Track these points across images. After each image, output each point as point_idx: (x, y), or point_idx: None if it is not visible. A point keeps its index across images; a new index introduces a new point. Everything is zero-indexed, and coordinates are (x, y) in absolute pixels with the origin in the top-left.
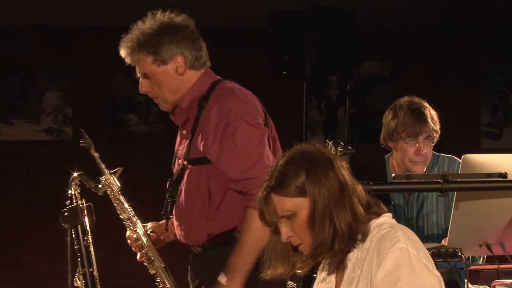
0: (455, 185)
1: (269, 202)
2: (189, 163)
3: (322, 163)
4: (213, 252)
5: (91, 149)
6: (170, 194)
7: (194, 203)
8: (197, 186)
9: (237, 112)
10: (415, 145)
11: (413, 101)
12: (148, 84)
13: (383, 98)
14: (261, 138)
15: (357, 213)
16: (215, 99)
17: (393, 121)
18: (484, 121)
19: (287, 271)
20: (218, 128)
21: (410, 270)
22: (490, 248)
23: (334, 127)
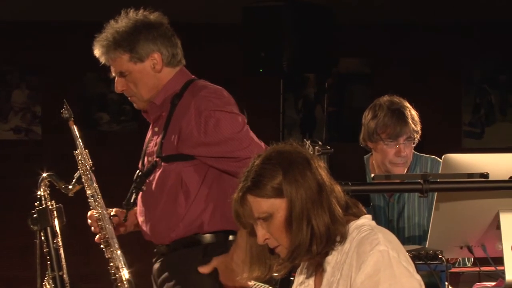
0: (435, 186)
1: (245, 203)
2: (162, 160)
3: (299, 163)
4: (178, 254)
5: (70, 121)
6: (136, 185)
7: (163, 202)
8: (168, 183)
9: (215, 104)
10: (396, 146)
11: (393, 101)
12: (124, 82)
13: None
14: (243, 122)
15: (335, 214)
16: (189, 96)
17: (373, 122)
18: (465, 120)
19: (263, 274)
20: (200, 122)
21: (390, 273)
22: (471, 250)
23: (312, 126)
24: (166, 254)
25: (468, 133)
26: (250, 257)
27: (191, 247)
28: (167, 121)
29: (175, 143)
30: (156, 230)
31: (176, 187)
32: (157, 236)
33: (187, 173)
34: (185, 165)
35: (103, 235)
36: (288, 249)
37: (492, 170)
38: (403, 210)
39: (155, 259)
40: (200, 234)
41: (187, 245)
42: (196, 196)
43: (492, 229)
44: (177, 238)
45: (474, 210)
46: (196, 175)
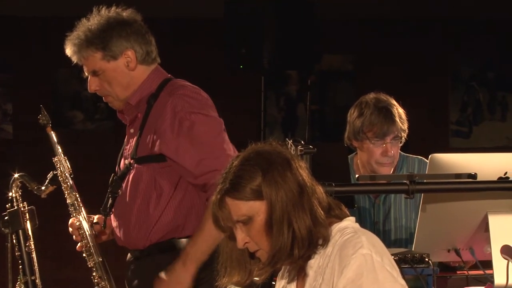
0: (421, 187)
1: (224, 206)
2: (136, 162)
3: (279, 164)
4: (152, 259)
5: (47, 127)
6: (112, 189)
7: (137, 205)
8: (142, 186)
9: (191, 106)
10: (382, 145)
11: (380, 99)
12: (98, 82)
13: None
14: (219, 128)
15: (317, 216)
16: (166, 96)
17: (359, 120)
18: (453, 118)
19: (243, 279)
20: (174, 123)
21: (373, 278)
22: (459, 253)
23: (294, 125)
24: (140, 259)
25: (455, 132)
26: (230, 262)
27: (166, 252)
28: (142, 122)
29: (150, 145)
30: (129, 235)
31: (150, 189)
32: (131, 241)
33: (161, 175)
34: (159, 167)
35: (84, 244)
36: (268, 253)
37: (481, 171)
38: (389, 212)
39: (129, 265)
40: (175, 238)
41: (162, 250)
42: (171, 199)
43: (481, 232)
44: (152, 243)
45: (462, 212)
46: (171, 177)
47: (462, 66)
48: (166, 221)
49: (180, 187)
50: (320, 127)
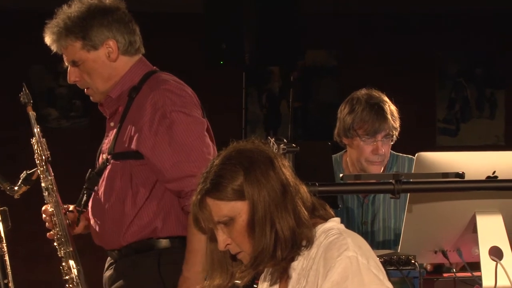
0: (408, 186)
1: (204, 207)
2: (112, 157)
3: (261, 162)
4: (130, 260)
5: (28, 106)
6: (88, 186)
7: (112, 203)
8: (118, 184)
9: (173, 103)
10: (373, 143)
11: (372, 95)
12: (78, 72)
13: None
14: (201, 129)
15: (301, 217)
16: (148, 89)
17: (350, 117)
18: (440, 116)
19: (225, 282)
20: (153, 120)
21: (359, 281)
22: (446, 255)
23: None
24: (118, 260)
25: (442, 130)
26: (211, 264)
27: (144, 253)
28: (122, 116)
29: (128, 140)
30: (105, 234)
31: (125, 187)
32: (107, 240)
33: (138, 173)
34: (137, 164)
35: (56, 232)
36: (250, 255)
37: (468, 170)
38: (378, 212)
39: (107, 266)
40: (153, 238)
41: (140, 250)
42: (148, 199)
43: (468, 233)
44: (128, 243)
45: (449, 212)
46: (149, 175)
47: (449, 62)
48: (142, 222)
49: (158, 187)
50: (303, 125)
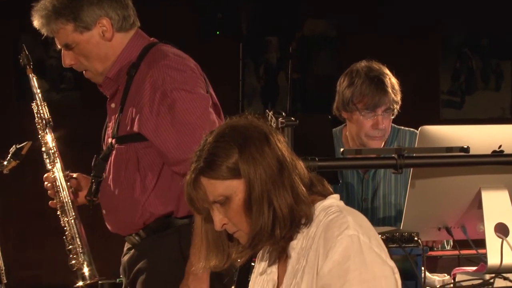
0: (410, 161)
1: (199, 187)
2: (116, 141)
3: (256, 139)
4: (150, 241)
5: (28, 69)
6: (95, 173)
7: (122, 189)
8: (126, 168)
9: (173, 80)
10: (373, 118)
11: (372, 67)
12: (72, 56)
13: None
14: (204, 107)
15: (299, 193)
16: (146, 66)
17: (349, 90)
18: (444, 88)
19: (222, 263)
20: (153, 100)
21: (361, 261)
22: (450, 232)
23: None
24: (136, 244)
25: (447, 103)
26: (206, 245)
27: (163, 232)
28: (123, 96)
29: (130, 122)
30: (118, 222)
31: (133, 172)
32: (121, 227)
33: (144, 156)
34: (142, 146)
35: (58, 200)
36: (248, 234)
37: (474, 144)
38: (379, 188)
39: (125, 251)
40: (170, 216)
41: (158, 229)
42: (157, 183)
43: (473, 209)
44: (146, 225)
45: (454, 188)
46: (155, 158)
47: (454, 32)
48: (154, 207)
49: (167, 169)
50: (302, 98)
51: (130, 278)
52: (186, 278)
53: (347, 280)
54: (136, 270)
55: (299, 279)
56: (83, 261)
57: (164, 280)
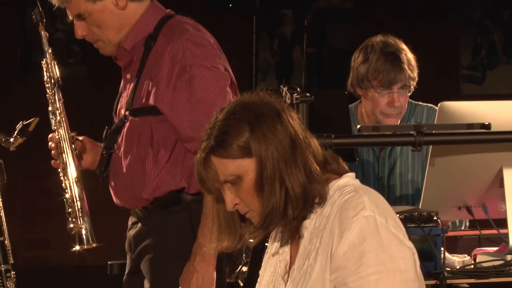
0: (430, 138)
1: (209, 166)
2: (131, 114)
3: (267, 116)
4: (158, 216)
5: (40, 26)
6: (106, 145)
7: (134, 162)
8: (138, 142)
9: (194, 56)
10: (388, 95)
11: (388, 43)
12: (85, 26)
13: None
14: (223, 85)
15: (312, 172)
16: (165, 39)
17: (363, 66)
18: (464, 63)
19: (234, 244)
20: (171, 74)
21: (378, 242)
22: (471, 211)
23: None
24: (143, 218)
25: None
26: (218, 226)
27: (172, 207)
28: (140, 67)
29: (145, 95)
30: (126, 195)
31: (146, 146)
32: (131, 200)
33: (158, 130)
34: (157, 120)
35: (60, 161)
36: (260, 214)
37: (495, 120)
38: (395, 166)
39: (130, 225)
40: (181, 192)
41: (167, 204)
42: (170, 158)
43: (494, 187)
44: (155, 199)
45: (474, 166)
46: (169, 133)
47: (474, 4)
48: (165, 182)
49: (181, 144)
50: (318, 72)
51: (135, 254)
52: (192, 259)
53: (363, 262)
54: (142, 246)
55: (312, 260)
56: (82, 225)
57: (174, 258)
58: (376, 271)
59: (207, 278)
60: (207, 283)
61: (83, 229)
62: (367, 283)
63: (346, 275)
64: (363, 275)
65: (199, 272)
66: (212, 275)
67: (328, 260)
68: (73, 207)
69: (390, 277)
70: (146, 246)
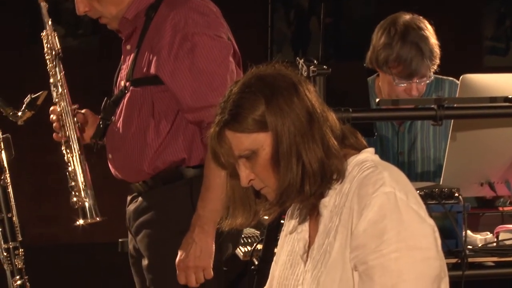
0: (451, 112)
1: (223, 140)
2: (131, 84)
3: (284, 89)
4: (158, 192)
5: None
6: (104, 115)
7: (133, 133)
8: (139, 112)
9: (196, 24)
10: (407, 84)
11: (412, 27)
12: (86, 2)
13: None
14: (225, 55)
15: (330, 147)
16: (167, 8)
17: (385, 52)
18: (488, 33)
19: (248, 221)
20: (173, 42)
21: (398, 219)
22: (493, 187)
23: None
24: (143, 192)
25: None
26: (232, 202)
27: (173, 183)
28: (140, 37)
29: (146, 64)
30: (126, 167)
31: (147, 116)
32: (129, 172)
33: (161, 100)
34: (158, 90)
35: (63, 134)
36: (276, 191)
37: None
38: (415, 141)
39: (130, 200)
40: (182, 167)
41: (168, 180)
42: (172, 128)
43: None
44: (154, 174)
45: (497, 140)
46: (171, 103)
47: None
48: (167, 153)
49: (182, 115)
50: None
51: (133, 229)
52: (191, 231)
53: (384, 240)
54: (141, 221)
55: (332, 238)
56: (85, 199)
57: (173, 235)
58: (396, 249)
59: (205, 249)
60: (205, 254)
61: (86, 203)
62: (388, 261)
63: (366, 253)
64: (384, 253)
65: (198, 244)
66: (211, 248)
67: (348, 238)
68: (76, 180)
69: (410, 255)
70: (145, 222)
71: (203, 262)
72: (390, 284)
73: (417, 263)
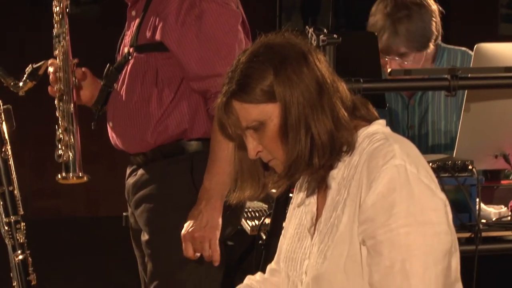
0: (465, 82)
1: (231, 111)
2: (135, 50)
3: (293, 58)
4: (158, 165)
5: None
6: (106, 83)
7: (135, 101)
8: (143, 80)
9: None
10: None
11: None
12: None
13: None
14: (233, 23)
15: (340, 118)
16: None
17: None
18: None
19: (256, 193)
20: (181, 8)
21: (408, 193)
22: (508, 160)
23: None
24: (143, 165)
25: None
26: (240, 174)
27: (174, 156)
28: (147, 2)
29: (152, 30)
30: (127, 136)
31: (150, 84)
32: (130, 142)
33: (164, 68)
34: (163, 57)
35: (58, 88)
36: (284, 163)
37: None
38: (426, 114)
39: (129, 172)
40: (184, 140)
41: (169, 153)
42: (175, 97)
43: None
44: (155, 146)
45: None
46: (175, 71)
47: None
48: (169, 122)
49: (186, 84)
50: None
51: (132, 202)
52: (198, 204)
53: (393, 214)
54: (140, 195)
55: (340, 211)
56: (69, 153)
57: (172, 209)
58: (406, 224)
59: (211, 221)
60: (211, 226)
61: (70, 157)
62: (397, 236)
63: (375, 228)
64: (393, 228)
65: (204, 214)
66: (217, 221)
67: (356, 212)
68: (63, 134)
69: (421, 230)
70: (144, 196)
71: (208, 233)
72: (399, 259)
73: (427, 238)
